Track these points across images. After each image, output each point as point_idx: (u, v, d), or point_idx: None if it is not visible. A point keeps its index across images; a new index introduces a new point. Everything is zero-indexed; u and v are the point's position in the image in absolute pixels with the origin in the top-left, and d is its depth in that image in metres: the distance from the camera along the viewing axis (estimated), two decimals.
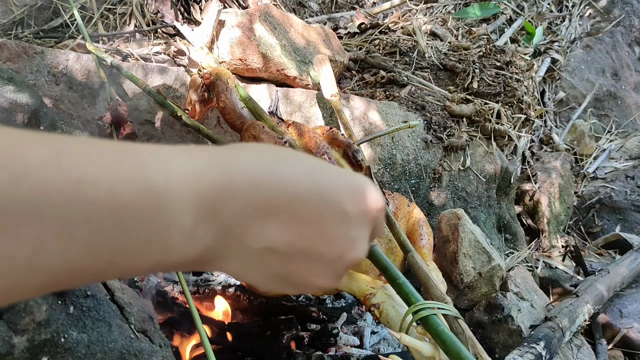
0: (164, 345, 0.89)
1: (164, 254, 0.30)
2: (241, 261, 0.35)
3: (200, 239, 0.31)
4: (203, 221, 0.31)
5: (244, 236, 0.33)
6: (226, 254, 0.34)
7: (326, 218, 0.36)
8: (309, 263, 0.37)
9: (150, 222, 0.28)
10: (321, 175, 0.36)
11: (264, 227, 0.33)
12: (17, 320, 0.63)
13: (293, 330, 1.34)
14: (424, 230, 1.28)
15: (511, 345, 1.47)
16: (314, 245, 0.36)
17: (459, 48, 2.35)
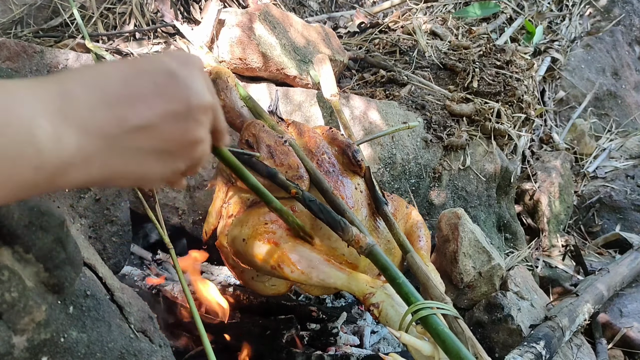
0: (164, 345, 0.89)
1: (37, 156, 0.33)
2: (116, 154, 0.39)
3: (66, 139, 0.35)
4: (59, 122, 0.34)
5: (103, 127, 0.37)
6: (97, 151, 0.37)
7: (160, 84, 0.41)
8: (170, 124, 0.41)
9: (7, 124, 0.31)
10: (139, 59, 0.44)
11: (117, 114, 0.38)
12: (17, 320, 0.63)
13: (293, 329, 1.34)
14: (422, 232, 1.28)
15: (511, 345, 1.47)
16: (163, 106, 0.41)
17: (459, 47, 2.35)
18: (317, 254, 1.04)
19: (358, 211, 1.19)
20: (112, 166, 0.39)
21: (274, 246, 1.04)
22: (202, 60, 0.48)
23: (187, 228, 1.61)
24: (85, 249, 0.87)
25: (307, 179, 1.15)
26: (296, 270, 1.02)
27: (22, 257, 0.65)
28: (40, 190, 0.36)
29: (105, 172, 0.39)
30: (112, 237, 1.13)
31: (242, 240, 1.08)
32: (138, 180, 0.43)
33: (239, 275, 1.22)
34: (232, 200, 1.21)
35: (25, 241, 0.65)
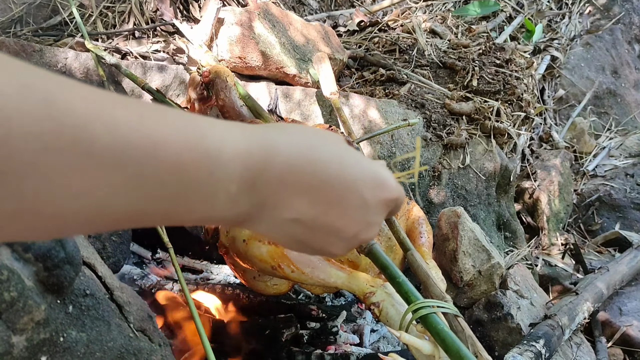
0: (163, 344, 0.89)
1: (210, 212, 0.36)
2: (270, 226, 0.41)
3: (240, 205, 0.37)
4: (245, 191, 0.37)
5: (276, 208, 0.39)
6: (259, 219, 0.40)
7: (348, 203, 0.42)
8: (328, 236, 0.43)
9: (204, 184, 0.34)
10: (348, 164, 0.42)
11: (293, 202, 0.40)
12: (16, 320, 0.63)
13: (292, 328, 1.34)
14: (424, 228, 1.28)
15: (511, 343, 1.47)
16: (335, 223, 0.43)
17: (458, 46, 2.34)
18: None
19: None
20: (261, 230, 0.42)
21: (274, 246, 1.04)
22: (402, 194, 0.49)
23: (187, 227, 1.60)
24: (84, 248, 0.87)
25: None
26: (296, 270, 1.02)
27: (21, 256, 0.65)
28: (190, 225, 0.40)
29: (253, 229, 0.42)
30: (112, 236, 1.12)
31: (243, 240, 1.08)
32: (275, 241, 0.48)
33: (241, 275, 1.22)
34: None
35: (24, 240, 0.65)
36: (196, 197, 0.34)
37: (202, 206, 0.35)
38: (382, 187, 0.45)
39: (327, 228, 0.43)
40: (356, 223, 0.44)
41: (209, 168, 0.34)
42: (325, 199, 0.41)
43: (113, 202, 0.30)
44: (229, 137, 0.35)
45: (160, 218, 0.34)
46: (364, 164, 0.44)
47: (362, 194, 0.43)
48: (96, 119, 0.28)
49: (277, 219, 0.40)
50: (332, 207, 0.41)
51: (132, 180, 0.30)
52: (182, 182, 0.33)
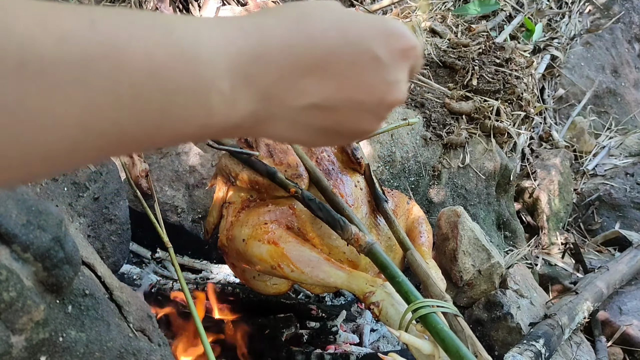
0: (163, 344, 0.89)
1: (207, 118, 0.31)
2: (285, 122, 0.36)
3: (240, 103, 0.33)
4: (240, 86, 0.32)
5: (284, 98, 0.35)
6: (269, 117, 0.35)
7: (361, 66, 0.37)
8: (352, 112, 0.38)
9: (188, 85, 0.30)
10: (349, 24, 0.37)
11: (302, 86, 0.35)
12: (15, 320, 0.63)
13: (292, 328, 1.34)
14: (424, 227, 1.28)
15: (510, 343, 1.47)
16: (354, 94, 0.37)
17: (458, 45, 2.34)
18: (316, 253, 1.04)
19: (358, 209, 1.19)
20: (279, 132, 0.37)
21: (273, 246, 1.04)
22: (416, 42, 0.41)
23: (187, 226, 1.60)
24: (83, 247, 0.87)
25: (307, 178, 1.14)
26: (296, 269, 1.02)
27: (20, 256, 0.65)
28: (197, 141, 0.35)
29: (271, 134, 0.38)
30: (111, 235, 1.12)
31: (242, 240, 1.08)
32: (302, 144, 0.42)
33: (240, 274, 1.22)
34: (232, 199, 1.21)
35: (23, 240, 0.65)
36: (184, 103, 0.30)
37: (195, 114, 0.31)
38: (394, 36, 0.39)
39: (348, 103, 0.37)
40: (377, 87, 0.38)
41: (187, 66, 0.30)
42: (336, 71, 0.36)
43: (88, 126, 0.27)
44: (204, 30, 0.31)
45: (153, 136, 0.30)
46: (367, 19, 0.38)
47: (373, 51, 0.37)
48: (42, 34, 0.25)
49: (290, 111, 0.36)
50: (345, 78, 0.36)
51: (102, 97, 0.27)
52: (162, 88, 0.29)
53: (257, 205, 1.14)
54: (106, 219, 1.10)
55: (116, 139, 0.28)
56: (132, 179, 1.37)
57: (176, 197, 1.58)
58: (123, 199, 1.15)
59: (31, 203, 0.69)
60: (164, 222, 1.30)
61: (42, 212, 0.69)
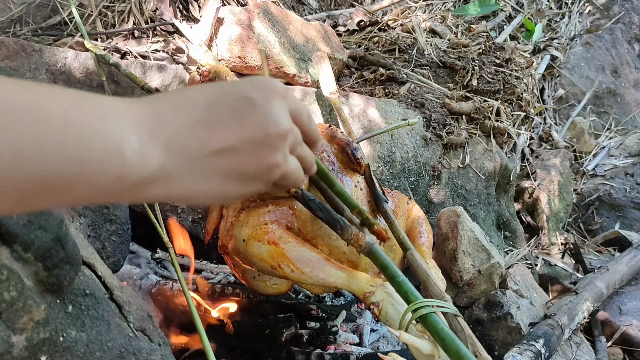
0: (163, 344, 0.89)
1: (122, 168, 0.36)
2: (195, 175, 0.42)
3: (150, 156, 0.38)
4: (147, 140, 0.38)
5: (187, 149, 0.40)
6: (180, 171, 0.40)
7: (240, 110, 0.44)
8: (249, 148, 0.44)
9: (101, 137, 0.35)
10: (224, 84, 0.46)
11: (199, 137, 0.41)
12: (16, 319, 0.63)
13: (292, 328, 1.34)
14: (423, 227, 1.28)
15: (510, 343, 1.47)
16: (243, 133, 0.43)
17: (458, 45, 2.34)
18: (317, 253, 1.04)
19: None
20: (192, 185, 0.42)
21: (273, 246, 1.04)
22: (284, 87, 0.49)
23: (187, 227, 1.60)
24: (84, 247, 0.87)
25: (306, 178, 1.14)
26: (296, 269, 1.02)
27: (21, 256, 0.65)
28: (117, 199, 0.39)
29: (185, 191, 0.42)
30: (112, 235, 1.12)
31: (242, 240, 1.08)
32: (217, 199, 0.46)
33: (240, 274, 1.22)
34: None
35: (24, 240, 0.65)
36: (100, 153, 0.35)
37: (110, 163, 0.35)
38: (260, 81, 0.47)
39: (242, 142, 0.44)
40: (259, 122, 0.45)
41: (99, 122, 0.35)
42: (222, 119, 0.42)
43: (20, 164, 0.31)
44: (110, 99, 0.38)
45: (73, 186, 0.34)
46: (240, 80, 0.47)
47: (246, 95, 0.44)
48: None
49: (196, 162, 0.41)
50: (231, 122, 0.43)
51: (26, 141, 0.31)
52: (79, 138, 0.34)
53: (257, 206, 1.14)
54: (106, 219, 1.11)
55: (40, 183, 0.33)
56: None
57: None
58: None
59: None
60: (164, 222, 1.30)
61: (43, 212, 0.69)
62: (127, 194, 0.38)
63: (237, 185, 0.45)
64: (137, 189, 0.38)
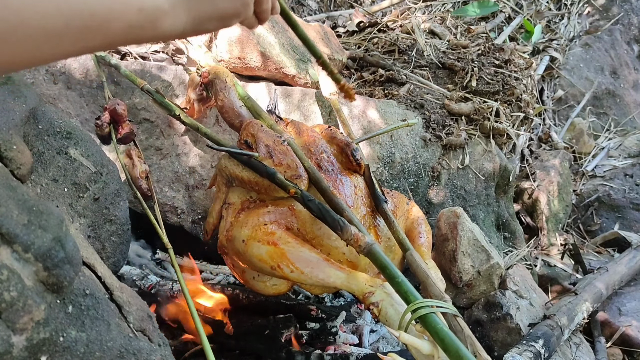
0: (163, 344, 0.89)
1: (141, 2, 0.49)
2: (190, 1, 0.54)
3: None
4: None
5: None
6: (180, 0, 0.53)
7: None
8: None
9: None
10: None
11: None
12: (16, 319, 0.63)
13: (292, 328, 1.34)
14: (423, 228, 1.28)
15: (510, 344, 1.47)
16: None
17: (457, 46, 2.35)
18: (316, 254, 1.04)
19: (357, 210, 1.19)
20: (193, 9, 0.54)
21: (273, 246, 1.04)
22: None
23: (186, 227, 1.60)
24: (84, 248, 0.87)
25: (306, 179, 1.15)
26: (296, 270, 1.02)
27: (21, 256, 0.65)
28: (147, 35, 0.50)
29: (190, 16, 0.54)
30: (111, 236, 1.13)
31: (242, 241, 1.08)
32: (219, 19, 0.58)
33: (240, 275, 1.22)
34: (231, 200, 1.21)
35: (24, 240, 0.65)
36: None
37: (130, 4, 0.47)
38: None
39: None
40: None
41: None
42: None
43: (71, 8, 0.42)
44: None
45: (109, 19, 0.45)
46: None
47: None
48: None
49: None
50: None
51: None
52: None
53: (257, 206, 1.14)
54: (106, 219, 1.11)
55: (89, 17, 0.43)
56: (132, 180, 1.37)
57: (176, 198, 1.59)
58: (123, 199, 1.16)
59: (32, 203, 0.69)
60: (163, 223, 1.30)
61: (43, 212, 0.69)
62: (150, 27, 0.49)
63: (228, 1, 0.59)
64: (155, 21, 0.50)
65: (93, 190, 1.06)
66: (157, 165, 1.57)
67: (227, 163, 1.20)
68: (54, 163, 0.99)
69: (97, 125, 1.39)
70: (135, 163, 1.38)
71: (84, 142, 1.05)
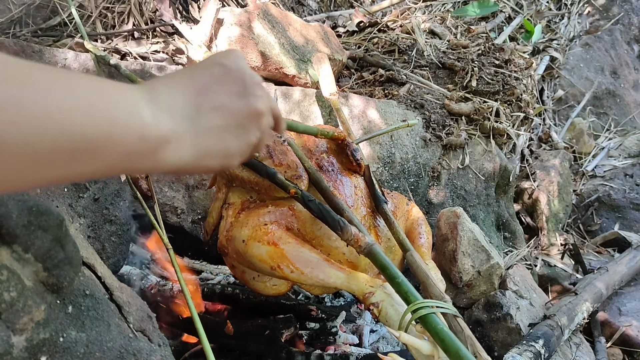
0: (163, 344, 0.89)
1: (142, 128, 0.44)
2: (197, 133, 0.50)
3: (162, 120, 0.46)
4: (156, 110, 0.46)
5: (185, 112, 0.49)
6: (184, 132, 0.48)
7: (217, 74, 0.54)
8: (234, 100, 0.54)
9: (124, 105, 0.43)
10: (201, 62, 0.56)
11: (192, 101, 0.50)
12: (16, 320, 0.63)
13: (292, 329, 1.34)
14: (423, 228, 1.28)
15: (510, 344, 1.47)
16: (225, 89, 0.54)
17: (457, 46, 2.34)
18: (316, 254, 1.04)
19: (357, 210, 1.19)
20: (199, 144, 0.50)
21: (273, 247, 1.04)
22: (238, 52, 0.62)
23: (186, 227, 1.60)
24: (84, 248, 0.87)
25: (306, 179, 1.14)
26: (296, 270, 1.02)
27: (21, 256, 0.65)
28: (142, 162, 0.45)
29: (195, 150, 0.50)
30: (111, 236, 1.13)
31: (242, 241, 1.08)
32: (223, 157, 0.54)
33: (240, 275, 1.22)
34: (231, 200, 1.21)
35: (24, 241, 0.65)
36: (124, 115, 0.42)
37: (133, 124, 0.43)
38: (226, 51, 0.59)
39: (228, 95, 0.54)
40: (236, 78, 0.55)
41: (120, 95, 0.44)
42: (204, 84, 0.52)
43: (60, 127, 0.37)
44: (121, 84, 0.45)
45: (106, 144, 0.41)
46: (211, 55, 0.59)
47: (217, 60, 0.56)
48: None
49: (196, 121, 0.50)
50: (215, 84, 0.53)
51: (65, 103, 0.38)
52: (104, 102, 0.41)
53: (257, 207, 1.14)
54: (106, 219, 1.11)
55: (81, 141, 0.39)
56: (132, 180, 1.37)
57: (176, 198, 1.59)
58: (123, 199, 1.16)
59: (32, 204, 0.69)
60: (163, 223, 1.30)
61: (43, 212, 0.69)
62: (150, 157, 0.45)
63: (235, 138, 0.54)
64: (157, 150, 0.46)
65: (93, 190, 1.06)
66: None
67: None
68: None
69: None
70: None
71: None
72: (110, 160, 0.42)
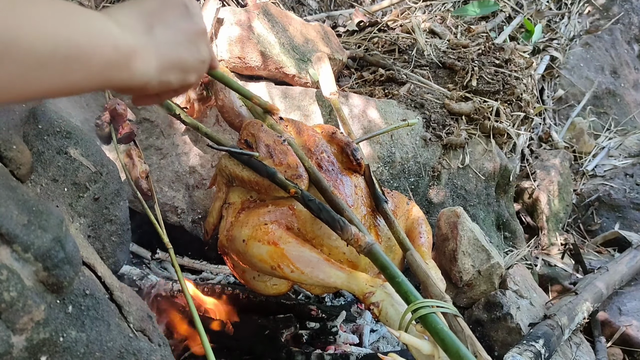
0: (163, 344, 0.89)
1: (115, 39, 0.50)
2: (158, 45, 0.57)
3: (127, 35, 0.52)
4: (120, 27, 0.52)
5: (144, 29, 0.56)
6: (148, 43, 0.55)
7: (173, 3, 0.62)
8: (185, 20, 0.61)
9: (97, 23, 0.49)
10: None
11: (147, 21, 0.57)
12: (16, 320, 0.63)
13: (292, 328, 1.34)
14: (423, 228, 1.28)
15: (510, 343, 1.47)
16: (170, 12, 0.60)
17: (457, 46, 2.34)
18: (316, 254, 1.04)
19: (357, 209, 1.19)
20: (160, 55, 0.56)
21: (273, 246, 1.04)
22: None
23: (187, 227, 1.60)
24: (84, 248, 0.87)
25: (306, 178, 1.14)
26: (296, 270, 1.02)
27: (20, 256, 0.65)
28: (121, 76, 0.51)
29: (158, 62, 0.56)
30: (111, 236, 1.12)
31: (242, 240, 1.08)
32: (181, 70, 0.60)
33: (240, 275, 1.22)
34: (232, 200, 1.21)
35: (24, 240, 0.65)
36: (99, 30, 0.48)
37: (107, 36, 0.49)
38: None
39: (175, 17, 0.61)
40: (177, 3, 0.62)
41: (93, 15, 0.49)
42: (154, 8, 0.59)
43: (44, 37, 0.42)
44: (91, 10, 0.51)
45: (86, 55, 0.46)
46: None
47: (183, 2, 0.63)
48: None
49: (157, 36, 0.57)
50: (160, 9, 0.59)
51: (50, 19, 0.43)
52: (83, 19, 0.47)
53: (257, 206, 1.14)
54: (106, 219, 1.10)
55: (65, 50, 0.44)
56: (132, 180, 1.37)
57: (176, 197, 1.59)
58: (123, 199, 1.15)
59: (32, 203, 0.69)
60: (164, 223, 1.30)
61: (43, 212, 0.69)
62: (124, 68, 0.51)
63: (188, 51, 0.61)
64: (129, 60, 0.52)
65: (93, 190, 1.06)
66: (157, 165, 1.57)
67: (228, 163, 1.20)
68: (53, 163, 0.98)
69: (97, 125, 1.39)
70: (136, 163, 1.38)
71: (84, 141, 1.05)
72: (94, 70, 0.48)
